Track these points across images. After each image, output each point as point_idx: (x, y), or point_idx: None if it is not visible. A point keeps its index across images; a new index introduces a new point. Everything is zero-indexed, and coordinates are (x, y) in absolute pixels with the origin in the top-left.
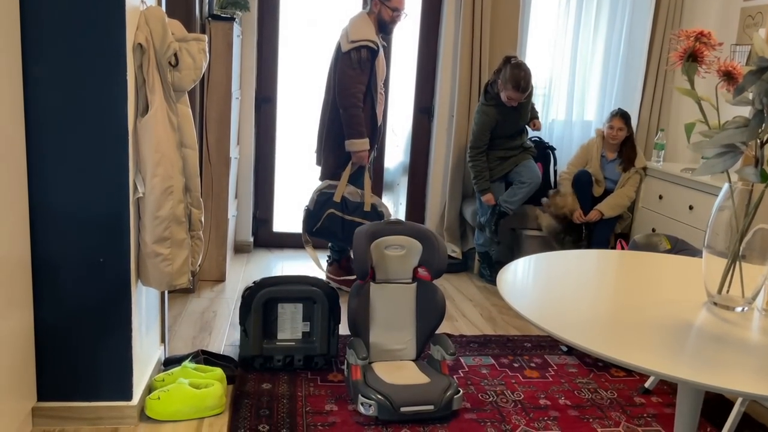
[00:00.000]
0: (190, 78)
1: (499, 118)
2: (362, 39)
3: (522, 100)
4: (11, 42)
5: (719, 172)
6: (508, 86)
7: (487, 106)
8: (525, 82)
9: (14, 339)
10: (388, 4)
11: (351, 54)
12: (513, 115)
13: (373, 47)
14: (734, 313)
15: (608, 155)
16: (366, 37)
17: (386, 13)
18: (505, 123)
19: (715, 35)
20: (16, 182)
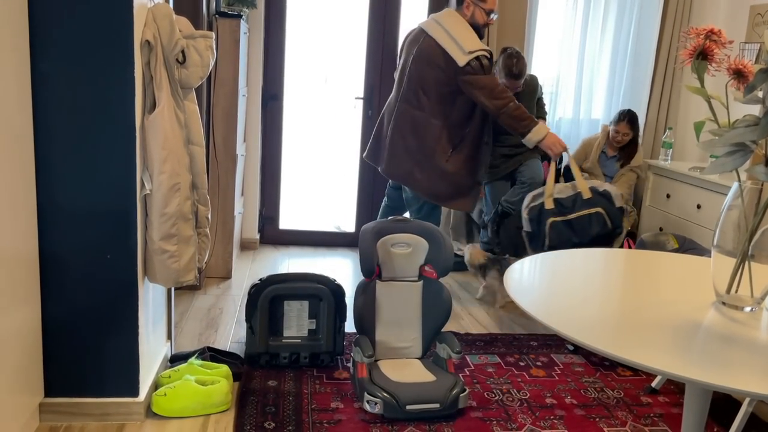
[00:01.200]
0: (197, 75)
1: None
2: (477, 49)
3: (517, 87)
4: (19, 39)
5: (729, 171)
6: (502, 75)
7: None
8: (517, 69)
9: (22, 335)
10: (483, 6)
11: (471, 64)
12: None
13: (488, 56)
14: (743, 313)
15: (608, 152)
16: (480, 46)
17: (480, 15)
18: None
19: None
20: (23, 179)
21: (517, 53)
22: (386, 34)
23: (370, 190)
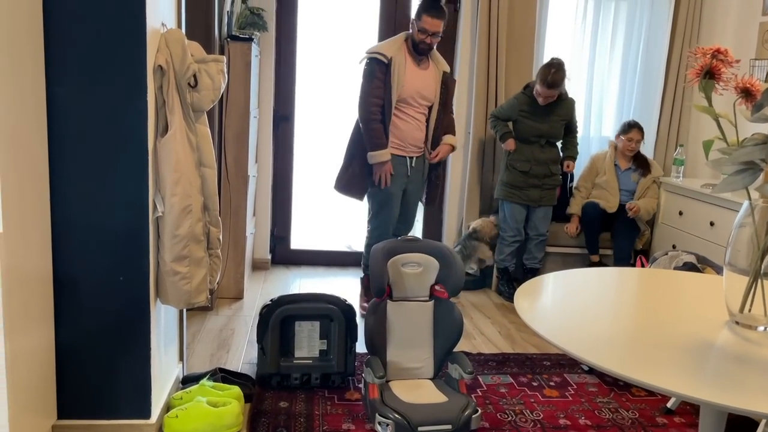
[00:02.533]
0: (209, 98)
1: (525, 107)
2: (372, 51)
3: (550, 97)
4: (36, 63)
5: (739, 189)
6: (538, 80)
7: (520, 93)
8: (551, 78)
9: (36, 356)
10: (418, 24)
11: (362, 63)
12: (539, 112)
13: (381, 59)
14: (756, 333)
15: (622, 165)
16: (376, 49)
17: (416, 33)
18: (530, 115)
19: (732, 51)
20: (38, 201)
21: (558, 64)
22: None
23: None
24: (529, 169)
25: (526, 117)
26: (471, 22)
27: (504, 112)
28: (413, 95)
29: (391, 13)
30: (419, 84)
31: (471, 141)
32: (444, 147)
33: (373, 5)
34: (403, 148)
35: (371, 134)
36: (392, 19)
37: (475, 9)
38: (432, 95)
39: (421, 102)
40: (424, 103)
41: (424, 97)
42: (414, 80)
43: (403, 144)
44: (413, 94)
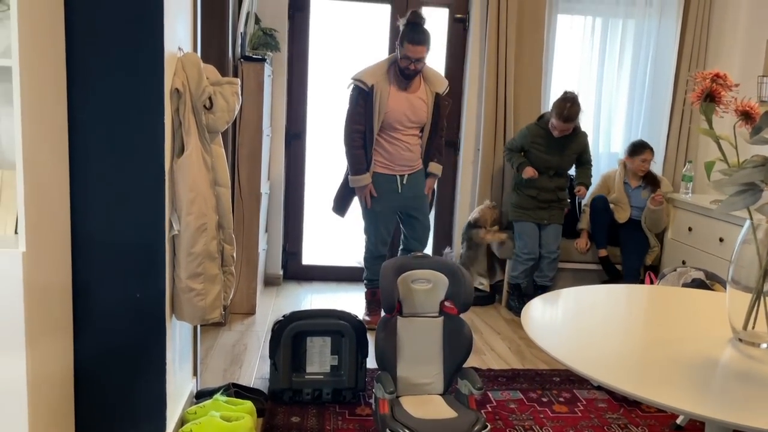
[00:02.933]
0: (223, 120)
1: (538, 139)
2: (355, 78)
3: (566, 130)
4: (58, 88)
5: (739, 210)
6: (553, 113)
7: (533, 124)
8: (568, 113)
9: (55, 370)
10: (400, 51)
11: (350, 91)
12: (553, 145)
13: (362, 87)
14: (759, 350)
15: (632, 183)
16: (359, 76)
17: (399, 59)
18: (542, 147)
19: (739, 68)
20: (60, 220)
21: (573, 98)
22: None
23: None
24: (537, 194)
25: (539, 149)
26: (480, 40)
27: (517, 143)
28: (400, 120)
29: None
30: (405, 108)
31: (480, 157)
32: (431, 180)
33: (383, 25)
34: (391, 167)
35: (352, 160)
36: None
37: (484, 27)
38: (422, 117)
39: (410, 125)
40: (413, 126)
41: (412, 120)
42: (399, 105)
43: (391, 164)
44: (400, 119)
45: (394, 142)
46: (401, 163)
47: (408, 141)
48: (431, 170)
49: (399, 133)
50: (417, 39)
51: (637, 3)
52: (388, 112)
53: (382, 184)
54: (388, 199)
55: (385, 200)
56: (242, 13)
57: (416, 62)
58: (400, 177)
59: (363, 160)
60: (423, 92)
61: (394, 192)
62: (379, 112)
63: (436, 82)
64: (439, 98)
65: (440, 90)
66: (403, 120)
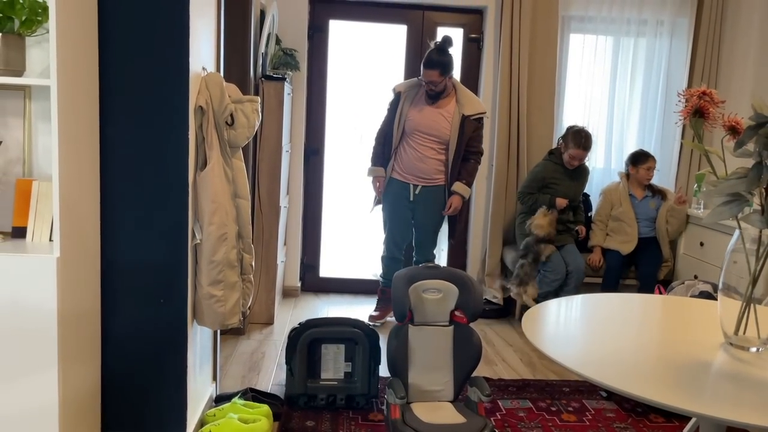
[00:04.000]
0: (244, 135)
1: (555, 174)
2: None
3: (582, 157)
4: (92, 106)
5: (726, 219)
6: (571, 145)
7: (545, 161)
8: (585, 141)
9: (84, 374)
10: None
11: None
12: (565, 179)
13: (393, 93)
14: (749, 353)
15: (637, 194)
16: (395, 85)
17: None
18: (560, 180)
19: (751, 85)
20: (90, 229)
21: (585, 130)
22: None
23: None
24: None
25: (557, 182)
26: (493, 59)
27: (530, 186)
28: (419, 129)
29: (416, 51)
30: (425, 120)
31: (494, 173)
32: (454, 198)
33: (400, 45)
34: (403, 175)
35: (372, 152)
36: (418, 57)
37: (497, 47)
38: (443, 132)
39: (427, 137)
40: (431, 138)
41: (430, 133)
42: (419, 116)
43: (402, 171)
44: (419, 128)
45: (410, 150)
46: (413, 172)
47: (424, 152)
48: (455, 189)
49: (416, 143)
50: (428, 63)
51: (648, 22)
52: (408, 119)
53: (396, 188)
54: (400, 204)
55: (397, 204)
56: (263, 34)
57: (429, 84)
58: (413, 186)
59: (379, 155)
60: (450, 111)
61: (406, 199)
62: (400, 118)
63: (467, 104)
64: (465, 120)
65: (467, 112)
66: (421, 129)
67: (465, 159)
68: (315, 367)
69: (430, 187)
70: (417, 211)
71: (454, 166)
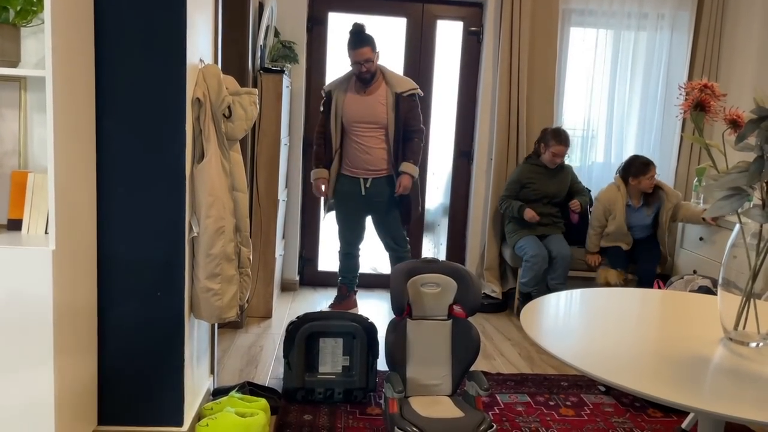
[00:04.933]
0: (242, 128)
1: (531, 175)
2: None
3: (561, 153)
4: (88, 97)
5: (727, 214)
6: (552, 142)
7: (525, 163)
8: (565, 135)
9: (80, 366)
10: (350, 60)
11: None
12: (546, 177)
13: (323, 94)
14: (749, 348)
15: (634, 203)
16: (324, 87)
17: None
18: (537, 179)
19: (752, 79)
20: (87, 222)
21: (560, 127)
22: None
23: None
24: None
25: (535, 181)
26: (493, 53)
27: (510, 188)
28: (356, 121)
29: (416, 44)
30: (360, 110)
31: (493, 167)
32: (403, 177)
33: (399, 37)
34: (351, 170)
35: (313, 155)
36: (418, 50)
37: (497, 40)
38: (380, 117)
39: (366, 126)
40: (370, 127)
41: (368, 121)
42: (353, 107)
43: (350, 166)
44: (356, 120)
45: (354, 145)
46: (361, 165)
47: (367, 143)
48: (403, 168)
49: (358, 136)
50: (356, 43)
51: (649, 16)
52: (345, 112)
53: (346, 185)
54: (353, 202)
55: (350, 203)
56: (262, 26)
57: (366, 63)
58: (363, 180)
59: (321, 156)
60: (382, 94)
61: (358, 194)
62: (336, 115)
63: (397, 83)
64: (399, 98)
65: (399, 90)
66: (359, 120)
67: (407, 139)
68: (313, 361)
69: (380, 179)
70: (371, 206)
71: (396, 148)
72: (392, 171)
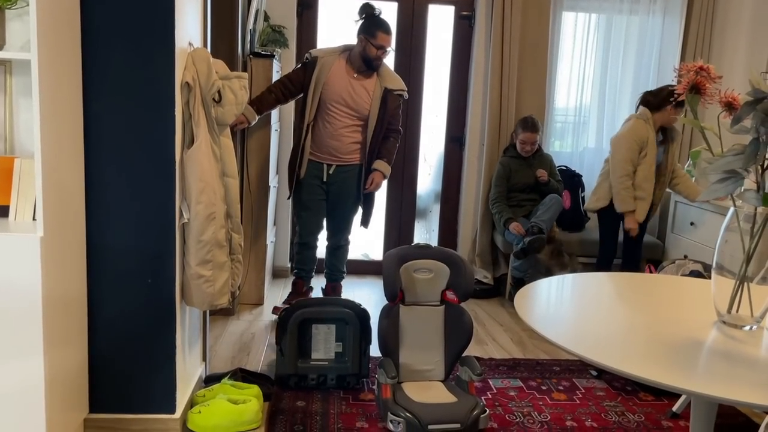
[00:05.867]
0: (232, 113)
1: (512, 165)
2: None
3: (532, 142)
4: (74, 81)
5: (722, 197)
6: (519, 130)
7: (504, 156)
8: (531, 121)
9: (70, 354)
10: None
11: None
12: (524, 168)
13: (307, 58)
14: (742, 331)
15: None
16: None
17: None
18: (517, 173)
19: (743, 63)
20: (75, 208)
21: (530, 116)
22: (411, 72)
23: (396, 222)
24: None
25: (515, 171)
26: (485, 37)
27: (497, 186)
28: (336, 100)
29: (407, 29)
30: (343, 91)
31: (485, 152)
32: (375, 174)
33: (390, 22)
34: (316, 154)
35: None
36: (409, 35)
37: (489, 24)
38: (362, 107)
39: (345, 110)
40: (347, 113)
41: (349, 106)
42: (337, 86)
43: (317, 148)
44: (335, 100)
45: (324, 125)
46: (326, 150)
47: (338, 128)
48: (376, 166)
49: (331, 116)
50: (388, 28)
51: (641, 0)
52: (326, 89)
53: (311, 170)
54: (314, 188)
55: (311, 189)
56: (252, 10)
57: (381, 50)
58: (327, 166)
59: (264, 102)
60: (371, 85)
61: (319, 180)
62: (317, 83)
63: (389, 79)
64: (387, 94)
65: (390, 87)
66: (338, 101)
67: (384, 137)
68: (305, 348)
69: (344, 167)
70: (331, 193)
71: (374, 143)
72: (363, 163)
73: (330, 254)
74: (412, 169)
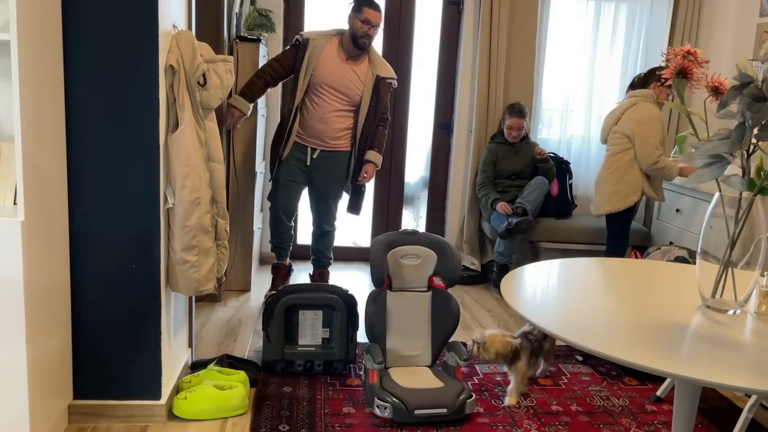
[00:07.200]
0: (217, 96)
1: (499, 151)
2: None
3: (519, 128)
4: (55, 63)
5: (707, 181)
6: (506, 116)
7: (491, 142)
8: (519, 107)
9: (53, 340)
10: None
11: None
12: (510, 155)
13: (298, 39)
14: (726, 316)
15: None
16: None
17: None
18: (504, 160)
19: (730, 51)
20: (57, 193)
21: (518, 102)
22: (399, 58)
23: (384, 208)
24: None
25: (502, 158)
26: (473, 23)
27: (485, 171)
28: (328, 83)
29: (395, 13)
30: (334, 74)
31: (473, 139)
32: (368, 166)
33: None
34: (303, 136)
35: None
36: (396, 21)
37: (478, 11)
38: (353, 92)
39: (336, 94)
40: (339, 97)
41: (340, 90)
42: (328, 69)
43: (303, 131)
44: (328, 82)
45: (313, 107)
46: (312, 134)
47: (327, 111)
48: (368, 157)
49: (321, 100)
50: (376, 5)
51: None
52: (317, 71)
53: (294, 152)
54: (295, 170)
55: (291, 170)
56: None
57: (375, 27)
58: (311, 150)
59: (254, 89)
60: (363, 71)
61: (302, 163)
62: (308, 65)
63: (381, 67)
64: (379, 81)
65: (382, 74)
66: (329, 85)
67: (372, 124)
68: (292, 334)
69: (330, 152)
70: (314, 177)
71: (365, 131)
72: (353, 151)
73: (316, 240)
74: (400, 156)
